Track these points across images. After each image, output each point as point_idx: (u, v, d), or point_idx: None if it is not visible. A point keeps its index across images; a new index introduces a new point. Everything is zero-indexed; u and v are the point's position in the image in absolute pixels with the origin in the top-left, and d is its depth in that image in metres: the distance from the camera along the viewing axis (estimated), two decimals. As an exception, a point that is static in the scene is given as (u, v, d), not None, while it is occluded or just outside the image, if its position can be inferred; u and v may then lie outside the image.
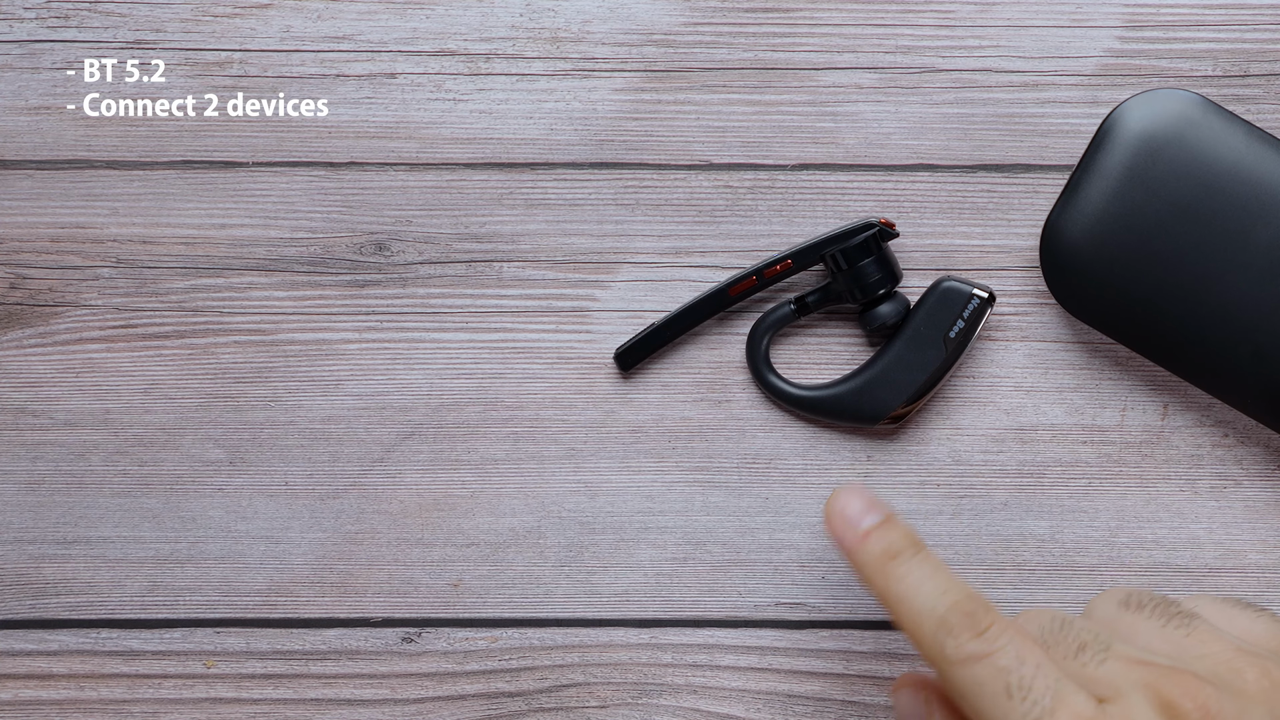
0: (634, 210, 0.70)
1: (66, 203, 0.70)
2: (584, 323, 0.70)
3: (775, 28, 0.70)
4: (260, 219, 0.70)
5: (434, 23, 0.70)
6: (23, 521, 0.70)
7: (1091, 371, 0.70)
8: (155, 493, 0.70)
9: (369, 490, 0.70)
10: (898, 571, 0.62)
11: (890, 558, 0.62)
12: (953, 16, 0.70)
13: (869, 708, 0.69)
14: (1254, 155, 0.66)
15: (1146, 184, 0.66)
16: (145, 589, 0.70)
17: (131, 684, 0.70)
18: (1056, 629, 0.61)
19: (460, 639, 0.70)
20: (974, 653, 0.59)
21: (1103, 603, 0.62)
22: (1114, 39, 0.70)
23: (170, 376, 0.70)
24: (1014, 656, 0.59)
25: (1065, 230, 0.67)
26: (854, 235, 0.68)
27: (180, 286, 0.70)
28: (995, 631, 0.59)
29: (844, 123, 0.70)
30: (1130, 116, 0.66)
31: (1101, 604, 0.62)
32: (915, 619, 0.60)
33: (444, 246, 0.70)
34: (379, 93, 0.70)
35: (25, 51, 0.70)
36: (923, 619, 0.60)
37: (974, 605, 0.60)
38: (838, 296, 0.68)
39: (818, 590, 0.69)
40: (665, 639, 0.69)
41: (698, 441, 0.70)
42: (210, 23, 0.70)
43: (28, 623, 0.70)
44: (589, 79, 0.70)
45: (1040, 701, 0.58)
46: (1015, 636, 0.59)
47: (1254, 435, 0.69)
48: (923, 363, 0.68)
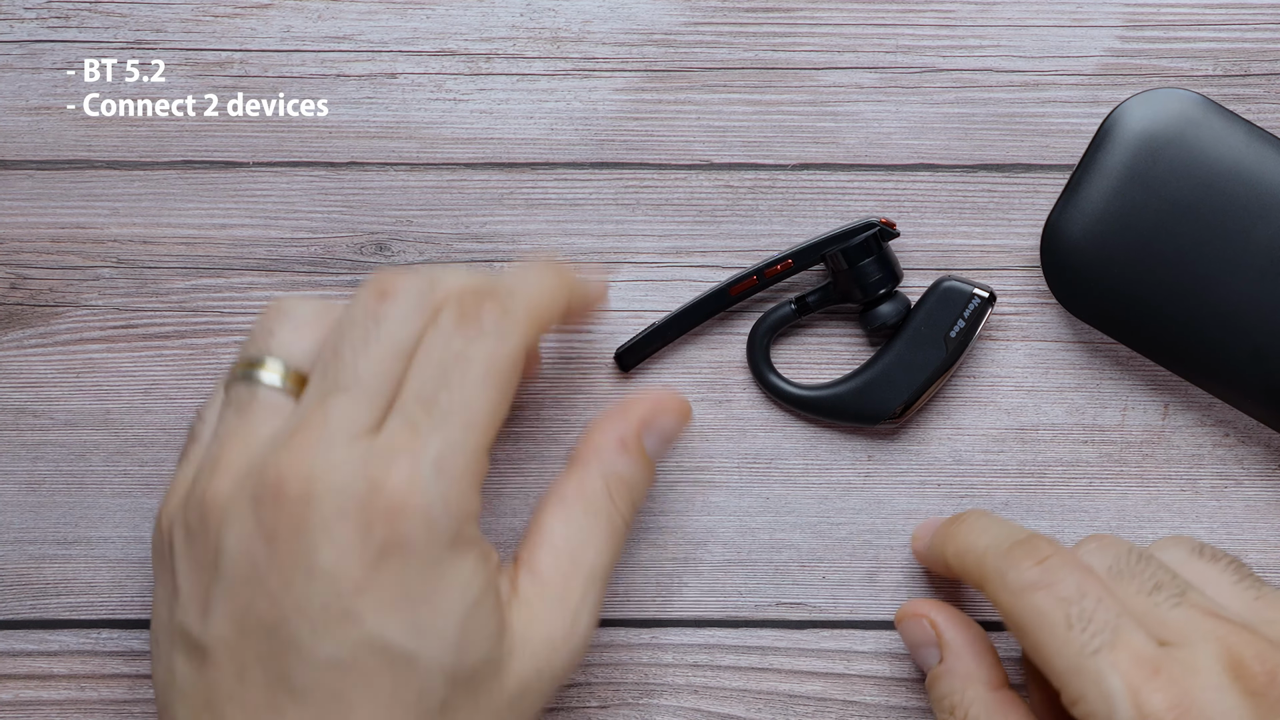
0: (634, 210, 0.70)
1: (67, 203, 0.70)
2: (584, 322, 0.70)
3: (775, 28, 0.70)
4: (261, 219, 0.70)
5: (434, 23, 0.70)
6: (23, 521, 0.70)
7: (1092, 371, 0.70)
8: (156, 493, 0.70)
9: (369, 490, 0.70)
10: (961, 527, 0.62)
11: (955, 520, 0.63)
12: (953, 16, 0.70)
13: (869, 708, 0.69)
14: (1254, 155, 0.66)
15: (1147, 184, 0.66)
16: (145, 589, 0.70)
17: (132, 684, 0.70)
18: (1131, 563, 0.60)
19: (460, 639, 0.70)
20: (1034, 581, 0.58)
21: (1172, 547, 0.62)
22: (1114, 39, 0.70)
23: (171, 376, 0.70)
24: (1074, 588, 0.58)
25: (1065, 230, 0.67)
26: (855, 235, 0.68)
27: (181, 286, 0.70)
28: (1056, 563, 0.59)
29: (844, 123, 0.70)
30: (1130, 116, 0.66)
31: (1171, 548, 0.62)
32: (979, 559, 0.60)
33: (444, 246, 0.70)
34: (379, 93, 0.70)
35: (25, 51, 0.70)
36: (986, 556, 0.60)
37: (1036, 538, 0.60)
38: (838, 296, 0.68)
39: (818, 590, 0.69)
40: (665, 639, 0.69)
41: (698, 441, 0.70)
42: (210, 23, 0.70)
43: (28, 623, 0.70)
44: (589, 79, 0.70)
45: (1100, 634, 0.57)
46: (1077, 569, 0.58)
47: (1255, 435, 0.69)
48: (923, 362, 0.68)
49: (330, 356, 0.59)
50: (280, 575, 0.57)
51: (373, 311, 0.59)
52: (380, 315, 0.59)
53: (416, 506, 0.56)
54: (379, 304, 0.59)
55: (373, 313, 0.59)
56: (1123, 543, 0.61)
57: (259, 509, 0.57)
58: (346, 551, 0.56)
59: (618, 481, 0.62)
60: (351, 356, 0.58)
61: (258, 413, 0.59)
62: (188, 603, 0.58)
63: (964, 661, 0.63)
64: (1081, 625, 0.57)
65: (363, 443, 0.57)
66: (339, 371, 0.58)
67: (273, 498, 0.57)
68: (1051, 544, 0.60)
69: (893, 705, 0.69)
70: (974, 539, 0.62)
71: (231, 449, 0.59)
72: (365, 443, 0.57)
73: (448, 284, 0.60)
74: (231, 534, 0.57)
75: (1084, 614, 0.57)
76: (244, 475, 0.58)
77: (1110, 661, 0.56)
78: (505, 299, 0.60)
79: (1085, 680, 0.56)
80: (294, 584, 0.56)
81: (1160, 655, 0.57)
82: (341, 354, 0.59)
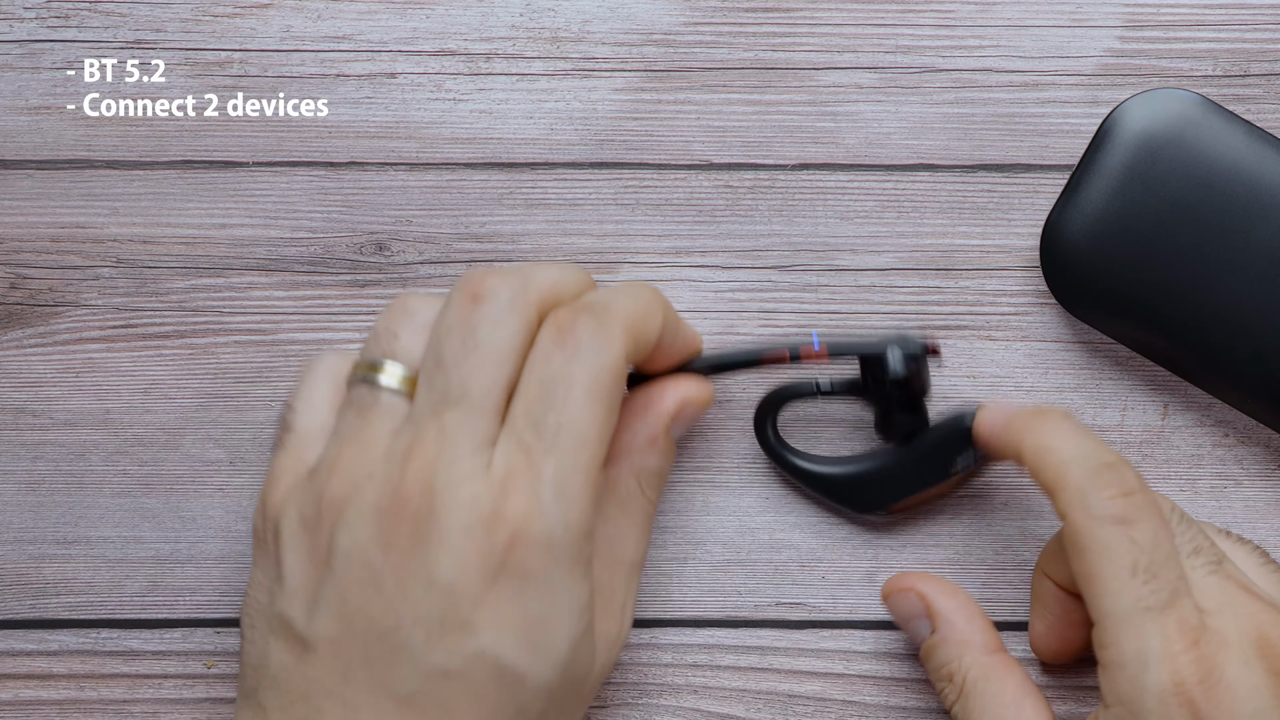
0: (634, 210, 0.70)
1: (66, 203, 0.70)
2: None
3: (775, 28, 0.70)
4: (260, 219, 0.70)
5: (434, 23, 0.70)
6: (23, 521, 0.70)
7: (1091, 371, 0.70)
8: (155, 493, 0.70)
9: (369, 490, 0.70)
10: (1047, 425, 0.61)
11: (1040, 415, 0.62)
12: (953, 16, 0.70)
13: (869, 708, 0.69)
14: (1254, 155, 0.66)
15: (1146, 184, 0.66)
16: (145, 589, 0.70)
17: (131, 684, 0.70)
18: (1180, 520, 0.60)
19: (460, 639, 0.70)
20: (1116, 514, 0.58)
21: (1204, 525, 0.62)
22: (1114, 39, 0.70)
23: (170, 376, 0.70)
24: (1150, 537, 0.57)
25: (1065, 230, 0.67)
26: (896, 349, 0.66)
27: (180, 286, 0.70)
28: (1141, 501, 0.58)
29: (844, 123, 0.70)
30: (1130, 116, 0.66)
31: (1204, 525, 0.62)
32: (1062, 466, 0.59)
33: (444, 246, 0.70)
34: (379, 93, 0.70)
35: (25, 51, 0.70)
36: (1072, 466, 0.59)
37: (1125, 466, 0.59)
38: (863, 393, 0.67)
39: (818, 590, 0.69)
40: (665, 639, 0.69)
41: (698, 441, 0.70)
42: (210, 23, 0.70)
43: (28, 623, 0.70)
44: (589, 79, 0.70)
45: (1160, 593, 0.57)
46: (1156, 516, 0.58)
47: (1254, 435, 0.69)
48: (920, 480, 0.67)
49: (434, 365, 0.59)
50: (397, 582, 0.57)
51: (467, 317, 0.59)
52: (475, 321, 0.59)
53: (538, 531, 0.57)
54: (473, 309, 0.59)
55: (467, 319, 0.59)
56: (1167, 499, 0.61)
57: (380, 517, 0.58)
58: (467, 567, 0.57)
59: (647, 475, 0.63)
60: (455, 366, 0.59)
61: (378, 416, 0.60)
62: (293, 594, 0.59)
63: (957, 629, 0.63)
64: (1146, 578, 0.57)
65: (481, 458, 0.58)
66: (446, 383, 0.59)
67: (395, 508, 0.58)
68: (1139, 478, 0.59)
69: (892, 705, 0.69)
70: (1060, 442, 0.60)
71: (351, 451, 0.60)
72: (484, 458, 0.58)
73: (539, 283, 0.60)
74: (348, 536, 0.58)
75: (1152, 566, 0.57)
76: (364, 479, 0.59)
77: (1160, 624, 0.56)
78: (601, 314, 0.60)
79: (1127, 632, 0.57)
80: (411, 592, 0.57)
81: (1200, 627, 0.57)
82: (444, 363, 0.59)
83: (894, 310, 0.70)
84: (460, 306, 0.60)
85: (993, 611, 0.69)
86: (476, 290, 0.60)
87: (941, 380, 0.69)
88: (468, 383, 0.58)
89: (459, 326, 0.59)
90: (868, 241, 0.70)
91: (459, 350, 0.59)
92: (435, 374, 0.59)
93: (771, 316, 0.70)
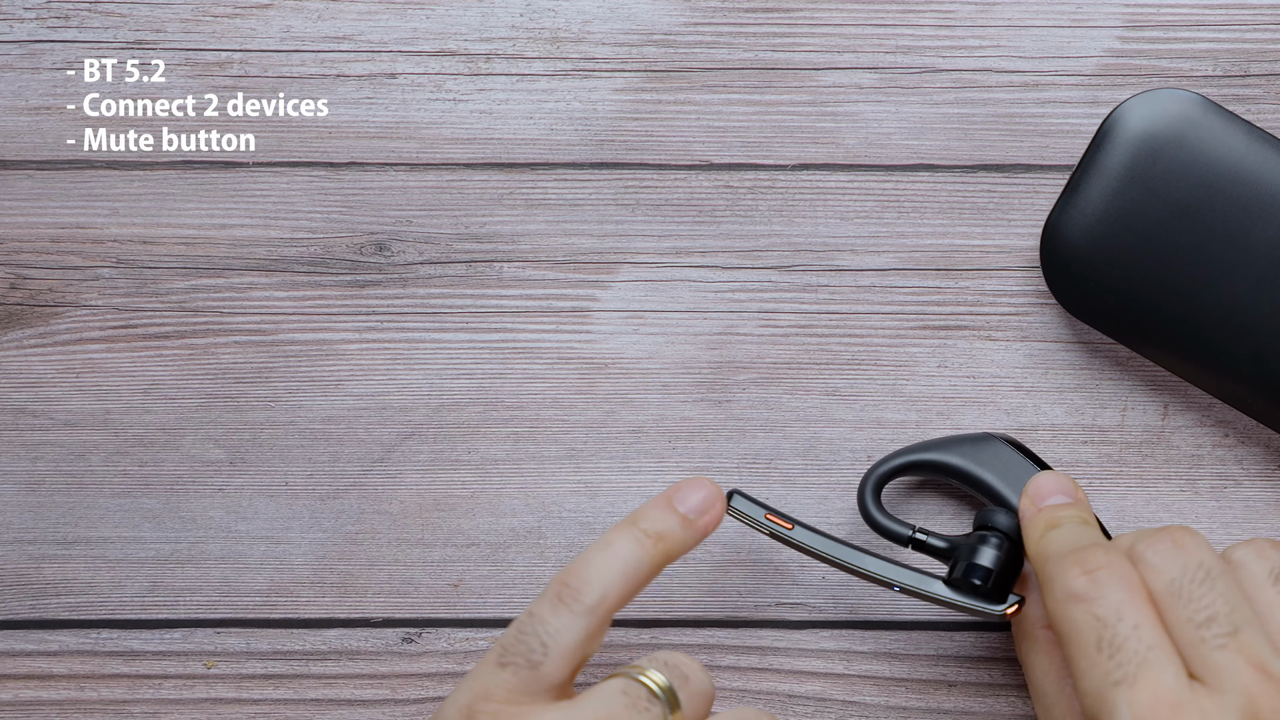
0: (634, 210, 0.70)
1: (66, 203, 0.70)
2: (584, 323, 0.70)
3: (775, 28, 0.70)
4: (260, 219, 0.70)
5: (434, 23, 0.70)
6: (23, 521, 0.70)
7: (1092, 371, 0.70)
8: (155, 493, 0.70)
9: (369, 490, 0.70)
10: (1050, 534, 0.61)
11: (1051, 526, 0.62)
12: (953, 16, 0.70)
13: (869, 708, 0.69)
14: (1254, 155, 0.66)
15: (1147, 184, 0.66)
16: (145, 589, 0.70)
17: (131, 684, 0.70)
18: (1195, 582, 0.58)
19: (461, 639, 0.70)
20: (1078, 593, 0.57)
21: (1255, 561, 0.60)
22: (1114, 39, 0.70)
23: (170, 376, 0.70)
24: (1114, 609, 0.56)
25: (1065, 230, 0.67)
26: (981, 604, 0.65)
27: (180, 286, 0.70)
28: (1104, 576, 0.57)
29: (844, 123, 0.70)
30: (1130, 116, 0.66)
31: (1254, 562, 0.60)
32: (1043, 561, 0.60)
33: (444, 246, 0.70)
34: (379, 93, 0.70)
35: (25, 51, 0.70)
36: (1049, 562, 0.59)
37: (1093, 548, 0.58)
38: (945, 561, 0.66)
39: (818, 590, 0.69)
40: (665, 639, 0.69)
41: (698, 441, 0.70)
42: (210, 23, 0.70)
43: (28, 623, 0.70)
44: (589, 79, 0.70)
45: (1125, 665, 0.56)
46: (1124, 587, 0.57)
47: (1254, 435, 0.69)
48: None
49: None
50: None
51: None
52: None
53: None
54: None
55: None
56: (1201, 552, 0.59)
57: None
58: None
59: None
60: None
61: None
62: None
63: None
64: (1110, 651, 0.56)
65: None
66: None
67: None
68: (1109, 554, 0.58)
69: (892, 705, 0.69)
70: (1048, 542, 0.61)
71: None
72: None
73: None
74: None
75: (1115, 639, 0.56)
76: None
77: (1128, 698, 0.55)
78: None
79: (1101, 707, 0.56)
80: None
81: (1181, 699, 0.55)
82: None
83: (894, 310, 0.70)
84: None
85: (993, 611, 0.69)
86: None
87: (942, 380, 0.70)
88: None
89: None
90: (868, 241, 0.70)
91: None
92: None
93: (771, 317, 0.70)
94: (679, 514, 0.62)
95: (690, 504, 0.63)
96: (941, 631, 0.69)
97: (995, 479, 0.67)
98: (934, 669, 0.69)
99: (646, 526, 0.62)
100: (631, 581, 0.61)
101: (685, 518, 0.62)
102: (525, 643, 0.60)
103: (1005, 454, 0.67)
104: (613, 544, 0.61)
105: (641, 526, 0.62)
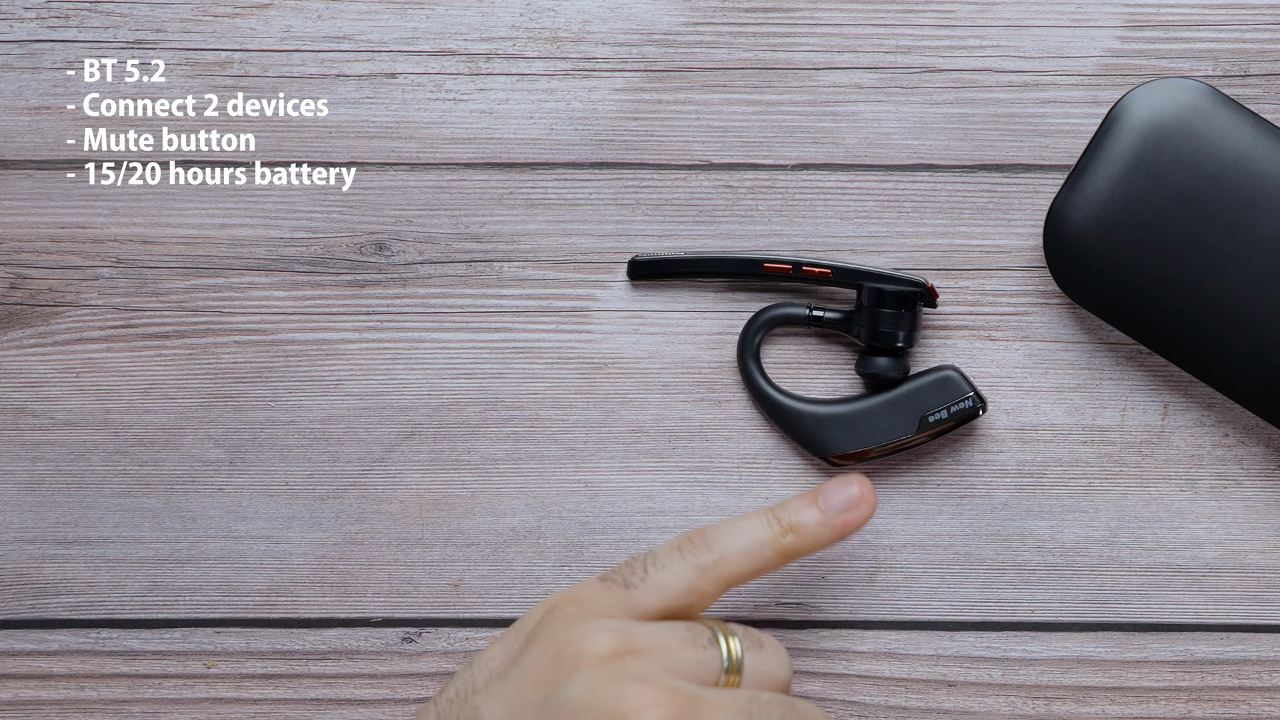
0: (634, 210, 0.70)
1: (66, 203, 0.70)
2: (584, 323, 0.70)
3: (775, 28, 0.70)
4: (260, 219, 0.70)
5: (434, 23, 0.70)
6: (23, 521, 0.70)
7: (1092, 371, 0.70)
8: (155, 493, 0.70)
9: (369, 490, 0.70)
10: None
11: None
12: (953, 16, 0.70)
13: (869, 708, 0.69)
14: (1260, 147, 0.66)
15: (1152, 172, 0.66)
16: (145, 589, 0.70)
17: (131, 684, 0.70)
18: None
19: (460, 639, 0.70)
20: None
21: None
22: (1114, 39, 0.70)
23: (170, 376, 0.70)
24: None
25: (1069, 216, 0.67)
26: (900, 284, 0.67)
27: (180, 286, 0.70)
28: None
29: (844, 123, 0.70)
30: (1138, 105, 0.66)
31: None
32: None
33: (444, 246, 0.70)
34: (379, 93, 0.70)
35: (25, 51, 0.70)
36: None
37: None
38: (850, 328, 0.68)
39: (818, 590, 0.69)
40: (665, 639, 0.69)
41: (698, 441, 0.70)
42: (210, 23, 0.70)
43: (28, 623, 0.70)
44: (589, 79, 0.70)
45: None
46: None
47: (1254, 435, 0.69)
48: (890, 430, 0.68)
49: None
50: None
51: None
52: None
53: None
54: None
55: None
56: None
57: None
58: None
59: None
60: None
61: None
62: (495, 698, 0.60)
63: None
64: None
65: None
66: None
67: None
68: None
69: (892, 705, 0.69)
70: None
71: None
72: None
73: None
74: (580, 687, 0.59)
75: None
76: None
77: None
78: None
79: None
80: None
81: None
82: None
83: (894, 310, 0.70)
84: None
85: (992, 611, 0.69)
86: None
87: (941, 380, 0.70)
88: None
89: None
90: (868, 241, 0.70)
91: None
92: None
93: (771, 316, 0.70)
94: (818, 509, 0.63)
95: (832, 501, 0.63)
96: (942, 631, 0.69)
97: None
98: (934, 669, 0.69)
99: (782, 515, 0.63)
100: (752, 560, 0.62)
101: (824, 513, 0.63)
102: (631, 567, 0.62)
103: None
104: (746, 520, 0.63)
105: (778, 513, 0.63)
